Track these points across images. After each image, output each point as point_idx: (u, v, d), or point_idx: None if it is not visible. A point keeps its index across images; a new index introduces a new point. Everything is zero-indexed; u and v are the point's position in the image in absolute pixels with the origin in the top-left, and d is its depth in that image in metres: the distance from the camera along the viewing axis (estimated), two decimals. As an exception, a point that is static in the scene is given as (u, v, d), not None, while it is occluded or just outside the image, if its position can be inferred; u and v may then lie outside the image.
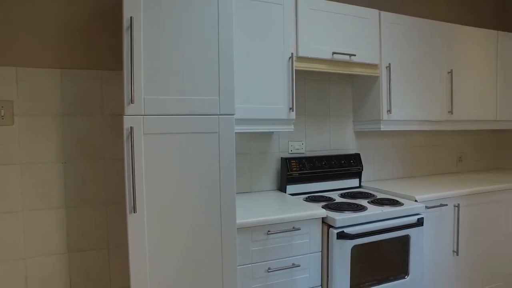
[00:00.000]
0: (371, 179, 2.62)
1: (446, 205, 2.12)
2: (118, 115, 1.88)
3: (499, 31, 2.74)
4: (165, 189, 1.40)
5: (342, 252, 1.67)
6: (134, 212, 1.36)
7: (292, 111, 1.91)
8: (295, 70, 1.98)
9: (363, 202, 1.99)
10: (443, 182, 2.49)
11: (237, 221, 1.54)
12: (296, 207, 1.76)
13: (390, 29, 2.22)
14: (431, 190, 2.15)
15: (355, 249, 1.72)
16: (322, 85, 2.40)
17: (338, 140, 2.47)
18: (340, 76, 2.46)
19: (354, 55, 2.06)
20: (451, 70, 2.47)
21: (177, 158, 1.42)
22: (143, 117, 1.38)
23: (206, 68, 1.45)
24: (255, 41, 1.82)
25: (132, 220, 1.36)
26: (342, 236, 1.65)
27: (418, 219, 1.87)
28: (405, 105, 2.29)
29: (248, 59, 1.81)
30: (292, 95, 1.90)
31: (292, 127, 1.94)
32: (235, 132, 1.86)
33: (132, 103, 1.36)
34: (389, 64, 2.19)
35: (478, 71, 2.64)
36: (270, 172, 2.26)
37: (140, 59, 1.36)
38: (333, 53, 2.01)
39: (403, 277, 1.87)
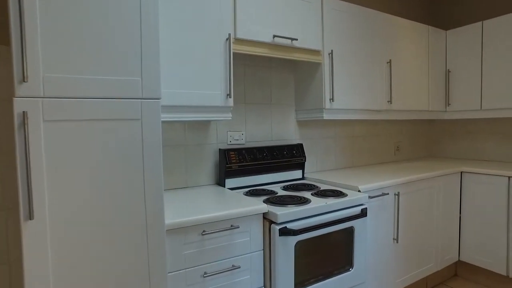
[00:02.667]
0: (314, 170, 2.55)
1: (388, 194, 2.12)
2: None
3: (430, 26, 2.84)
4: (74, 189, 1.14)
5: (286, 249, 1.55)
6: (30, 219, 1.09)
7: (230, 97, 1.73)
8: (234, 53, 1.81)
9: (307, 194, 1.89)
10: (383, 171, 2.51)
11: (167, 222, 1.33)
12: (235, 203, 1.59)
13: (332, 15, 2.14)
14: (373, 180, 2.13)
15: (299, 245, 1.61)
16: (263, 71, 2.25)
17: (280, 129, 2.36)
18: (281, 62, 2.33)
19: (296, 39, 1.94)
20: (390, 60, 2.48)
21: (89, 151, 1.16)
22: (42, 100, 1.10)
23: (124, 41, 1.20)
24: (188, 19, 1.60)
25: (28, 229, 1.08)
26: (285, 232, 1.52)
27: (362, 209, 1.82)
28: (348, 94, 2.25)
29: (181, 38, 1.59)
30: (230, 80, 1.72)
31: (230, 115, 1.77)
32: (166, 121, 1.64)
33: (25, 81, 1.07)
34: (332, 51, 2.12)
35: (413, 63, 2.70)
36: (207, 165, 2.06)
37: (35, 26, 1.08)
38: (274, 36, 1.87)
39: (348, 270, 1.81)
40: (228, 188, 2.01)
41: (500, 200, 2.47)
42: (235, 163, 2.01)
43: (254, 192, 1.93)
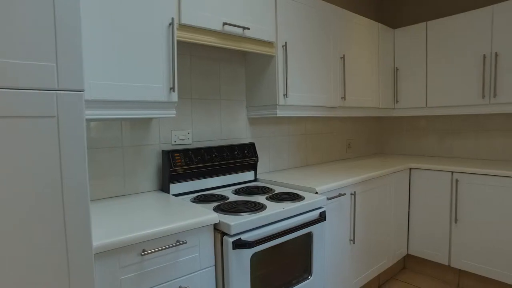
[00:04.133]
0: (267, 170, 2.41)
1: (344, 194, 2.04)
2: None
3: (379, 24, 2.84)
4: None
5: (240, 263, 1.37)
6: None
7: (174, 91, 1.50)
8: (178, 41, 1.58)
9: (261, 199, 1.73)
10: (337, 169, 2.44)
11: (96, 243, 1.08)
12: (182, 213, 1.38)
13: (287, 5, 2.00)
14: (329, 180, 2.04)
15: (255, 257, 1.45)
16: (211, 63, 2.04)
17: (231, 128, 2.17)
18: (231, 54, 2.14)
19: (248, 28, 1.76)
20: (344, 55, 2.41)
21: (-19, 158, 0.88)
22: None
23: (28, 8, 0.92)
24: (119, -6, 1.34)
25: None
26: (239, 245, 1.34)
27: (320, 213, 1.71)
28: (302, 90, 2.12)
29: (115, 18, 1.32)
30: (173, 72, 1.49)
31: (174, 112, 1.54)
32: (97, 119, 1.36)
33: None
34: (286, 43, 1.97)
35: (365, 60, 2.67)
36: (149, 169, 1.81)
37: None
38: (224, 23, 1.67)
39: (307, 278, 1.68)
40: (173, 195, 1.77)
41: (444, 194, 2.54)
42: (180, 165, 1.78)
43: (202, 198, 1.72)
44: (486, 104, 2.55)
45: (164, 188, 1.81)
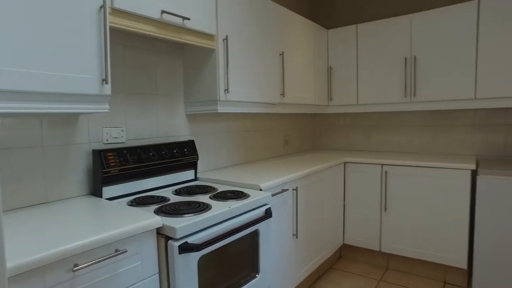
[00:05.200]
0: (207, 168, 2.33)
1: (287, 189, 2.05)
2: None
3: (315, 23, 2.93)
4: None
5: (187, 267, 1.28)
6: None
7: (107, 83, 1.34)
8: (111, 28, 1.42)
9: (204, 198, 1.65)
10: (277, 166, 2.46)
11: (10, 264, 0.90)
12: (119, 219, 1.24)
13: (225, -4, 1.94)
14: (272, 176, 2.03)
15: (202, 260, 1.37)
16: (147, 55, 1.89)
17: (169, 124, 2.04)
18: (169, 45, 2.01)
19: (188, 19, 1.66)
20: (283, 52, 2.43)
21: None
22: None
23: None
24: (37, -31, 1.15)
25: None
26: (186, 248, 1.25)
27: (266, 210, 1.69)
28: (244, 85, 2.08)
29: (26, -5, 1.12)
30: (106, 62, 1.33)
31: (107, 106, 1.38)
32: (9, 113, 1.15)
33: None
34: (227, 36, 1.91)
35: (302, 58, 2.73)
36: (76, 171, 1.61)
37: None
38: (163, 11, 1.55)
39: (254, 277, 1.65)
40: (107, 199, 1.60)
41: (375, 185, 2.72)
42: (114, 166, 1.62)
43: (141, 200, 1.58)
44: (408, 102, 2.79)
45: (95, 192, 1.62)
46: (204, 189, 1.81)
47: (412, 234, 2.58)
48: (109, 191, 1.62)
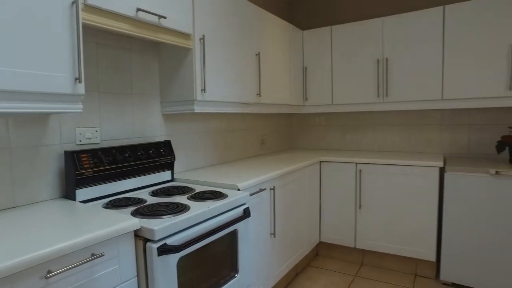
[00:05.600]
0: (183, 169, 2.30)
1: (265, 189, 2.07)
2: None
3: (290, 24, 2.97)
4: None
5: (166, 270, 1.27)
6: None
7: (80, 82, 1.30)
8: (84, 25, 1.37)
9: (182, 199, 1.63)
10: (254, 165, 2.47)
11: (-19, 270, 0.85)
12: (95, 222, 1.20)
13: (202, -4, 1.93)
14: (249, 176, 2.04)
15: (181, 261, 1.35)
16: (121, 53, 1.85)
17: (144, 124, 2.00)
18: (143, 44, 1.97)
19: (165, 17, 1.63)
20: (259, 52, 2.44)
21: None
22: None
23: None
24: (4, -39, 1.09)
25: None
26: (165, 250, 1.23)
27: (244, 210, 1.69)
28: (220, 85, 2.08)
29: (-8, -11, 1.07)
30: (79, 60, 1.29)
31: (81, 106, 1.34)
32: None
33: None
34: (203, 36, 1.90)
35: (278, 58, 2.76)
36: (48, 173, 1.54)
37: None
38: (138, 9, 1.51)
39: (234, 276, 1.65)
40: (81, 201, 1.55)
41: (350, 183, 2.79)
42: (88, 168, 1.57)
43: (116, 202, 1.54)
44: (380, 102, 2.88)
45: (68, 194, 1.57)
46: (181, 190, 1.79)
47: (385, 230, 2.67)
48: (82, 193, 1.57)
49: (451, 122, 2.91)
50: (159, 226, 1.24)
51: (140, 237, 1.25)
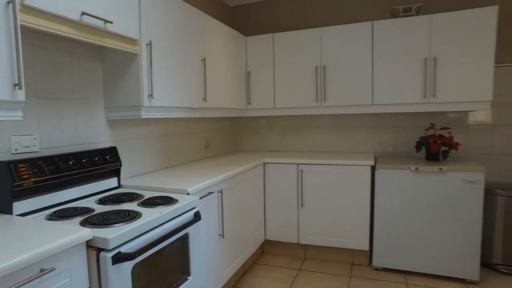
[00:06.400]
0: (130, 175, 2.25)
1: (213, 192, 2.12)
2: None
3: (234, 30, 3.05)
4: None
5: (121, 278, 1.26)
6: None
7: (20, 89, 1.23)
8: (22, 27, 1.30)
9: (133, 206, 1.62)
10: (201, 169, 2.50)
11: None
12: (40, 236, 1.15)
13: (151, 3, 1.91)
14: (197, 180, 2.07)
15: (136, 268, 1.35)
16: (61, 56, 1.76)
17: (88, 131, 1.93)
18: (86, 47, 1.90)
19: (111, 22, 1.60)
20: (205, 58, 2.48)
21: None
22: None
23: None
24: None
25: None
26: (120, 258, 1.23)
27: (195, 213, 1.73)
28: (167, 91, 2.08)
29: None
30: (19, 64, 1.22)
31: (21, 114, 1.27)
32: None
33: None
34: (150, 41, 1.89)
35: (223, 63, 2.82)
36: (-19, 186, 1.42)
37: None
38: (83, 13, 1.47)
39: (186, 279, 1.68)
40: (19, 215, 1.46)
41: (292, 183, 2.96)
42: (27, 178, 1.48)
43: (61, 213, 1.48)
44: (319, 107, 3.10)
45: (3, 208, 1.46)
46: (130, 197, 1.77)
47: (325, 225, 2.89)
48: (21, 206, 1.47)
49: (380, 124, 3.25)
50: (113, 234, 1.23)
51: (93, 247, 1.23)
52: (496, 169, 2.96)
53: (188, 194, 1.86)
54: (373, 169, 2.85)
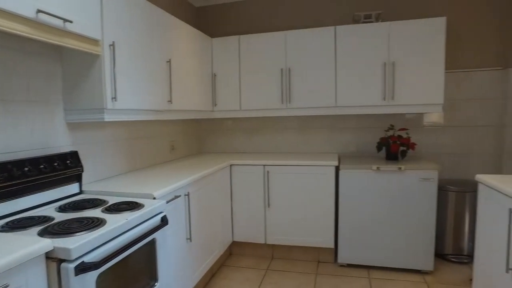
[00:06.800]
0: (92, 180, 2.17)
1: (180, 195, 2.09)
2: None
3: (200, 31, 3.02)
4: None
5: (83, 290, 1.21)
6: None
7: (-30, 91, 1.15)
8: (-31, 24, 1.21)
9: (96, 213, 1.56)
10: (166, 172, 2.46)
11: None
12: (-3, 248, 1.08)
13: (114, 2, 1.85)
14: (163, 184, 2.04)
15: (100, 278, 1.31)
16: (14, 56, 1.65)
17: (46, 134, 1.83)
18: (44, 46, 1.80)
19: (71, 21, 1.53)
20: (170, 59, 2.44)
21: None
22: None
23: None
24: None
25: None
26: (83, 269, 1.18)
27: (162, 218, 1.70)
28: (132, 93, 2.03)
29: None
30: (-32, 65, 1.14)
31: (-29, 118, 1.18)
32: None
33: None
34: (113, 42, 1.83)
35: (188, 65, 2.79)
36: None
37: None
38: (39, 10, 1.39)
39: (154, 285, 1.65)
40: (-31, 226, 1.35)
41: (259, 184, 2.99)
42: (-22, 187, 1.38)
43: (16, 224, 1.39)
44: (284, 108, 3.16)
45: (-49, 219, 1.35)
46: (93, 203, 1.70)
47: (292, 225, 2.94)
48: (-29, 216, 1.37)
49: (343, 125, 3.37)
50: (75, 244, 1.18)
51: (53, 259, 1.17)
52: (447, 167, 3.17)
53: (154, 198, 1.82)
54: (337, 169, 2.94)
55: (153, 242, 1.66)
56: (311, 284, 2.57)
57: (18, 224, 1.38)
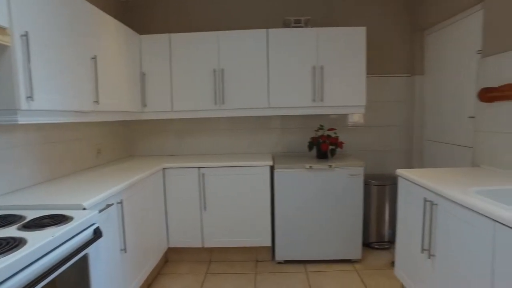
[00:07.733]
0: (5, 192, 1.87)
1: (112, 204, 1.92)
2: None
3: (128, 28, 2.82)
4: None
5: (2, 323, 1.03)
6: None
7: None
8: None
9: (11, 231, 1.34)
10: (94, 179, 2.24)
11: None
12: None
13: (22, -16, 1.62)
14: (92, 192, 1.85)
15: (22, 308, 1.12)
16: None
17: None
18: None
19: (-28, 6, 1.30)
20: (96, 56, 2.23)
21: None
22: None
23: None
24: None
25: None
26: (2, 300, 1.01)
27: (94, 230, 1.54)
28: (52, 91, 1.80)
29: None
30: None
31: None
32: None
33: None
34: (27, 32, 1.60)
35: (116, 63, 2.58)
36: None
37: None
38: None
39: (86, 308, 1.48)
40: None
41: (194, 187, 2.92)
42: None
43: None
44: (217, 109, 3.12)
45: None
46: (7, 220, 1.46)
47: (229, 226, 2.93)
48: None
49: (276, 126, 3.46)
50: (-10, 271, 1.00)
51: (-39, 291, 0.98)
52: (369, 163, 3.48)
53: (84, 209, 1.64)
54: (272, 169, 3.01)
55: (85, 258, 1.49)
56: (251, 284, 2.58)
57: None
